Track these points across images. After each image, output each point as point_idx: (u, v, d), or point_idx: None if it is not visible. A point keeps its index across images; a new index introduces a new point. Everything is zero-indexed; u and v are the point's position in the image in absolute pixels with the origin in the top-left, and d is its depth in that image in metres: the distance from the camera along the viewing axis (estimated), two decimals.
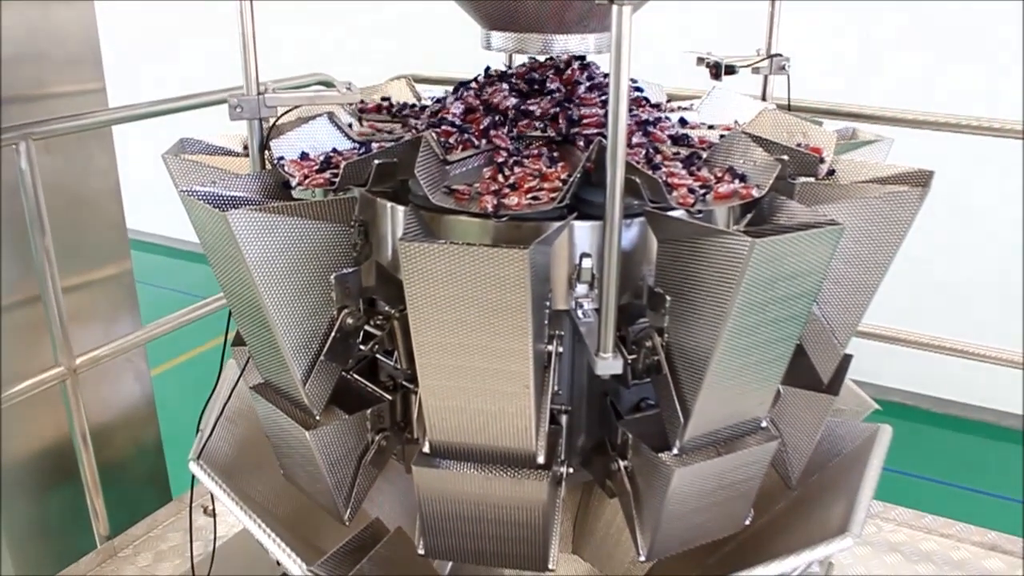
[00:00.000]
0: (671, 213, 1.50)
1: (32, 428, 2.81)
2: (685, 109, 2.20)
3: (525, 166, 1.65)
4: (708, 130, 2.02)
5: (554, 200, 1.50)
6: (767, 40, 2.38)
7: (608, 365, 1.45)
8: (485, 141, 1.73)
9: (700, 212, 1.56)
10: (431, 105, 1.98)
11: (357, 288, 1.64)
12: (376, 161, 1.56)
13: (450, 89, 2.01)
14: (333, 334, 1.62)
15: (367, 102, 2.16)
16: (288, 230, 1.52)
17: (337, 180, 1.60)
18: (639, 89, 2.06)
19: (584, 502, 2.20)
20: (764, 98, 2.44)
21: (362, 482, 1.75)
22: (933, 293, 5.42)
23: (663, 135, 1.84)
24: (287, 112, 1.82)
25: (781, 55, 2.37)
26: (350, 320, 1.63)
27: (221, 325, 1.92)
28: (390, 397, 1.78)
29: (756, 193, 1.60)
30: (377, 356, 1.81)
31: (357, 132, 1.93)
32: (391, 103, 2.17)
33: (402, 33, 7.02)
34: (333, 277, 1.60)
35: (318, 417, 1.66)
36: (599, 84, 1.87)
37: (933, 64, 5.35)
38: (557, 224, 1.45)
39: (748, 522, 1.73)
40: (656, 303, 1.50)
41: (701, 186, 1.60)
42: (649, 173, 1.48)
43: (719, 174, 1.67)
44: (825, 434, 1.91)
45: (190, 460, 1.91)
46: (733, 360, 1.45)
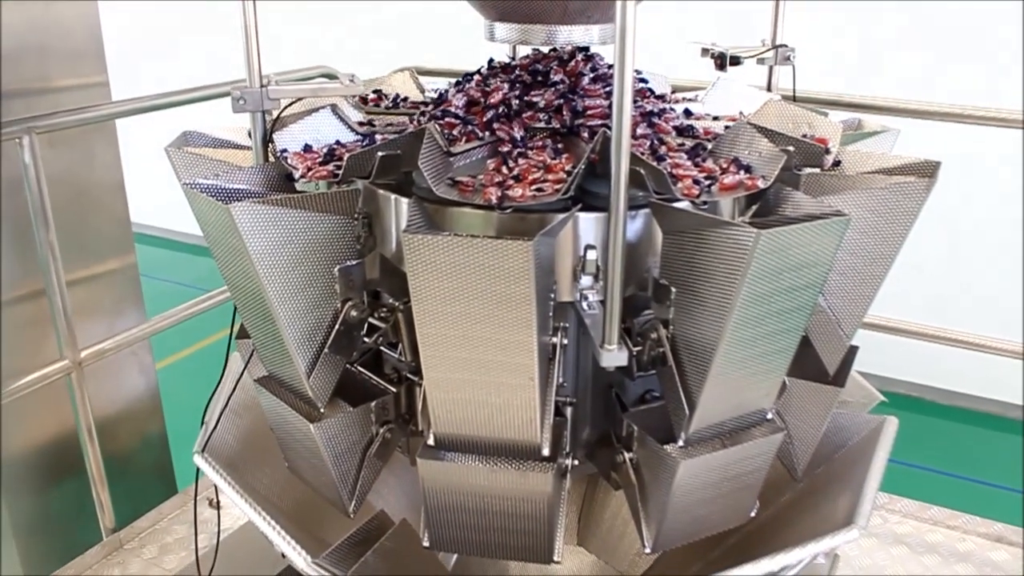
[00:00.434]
0: (676, 204, 1.49)
1: (37, 421, 2.82)
2: (690, 100, 2.20)
3: (529, 158, 1.64)
4: (713, 121, 2.01)
5: (558, 192, 1.49)
6: (772, 30, 2.37)
7: (613, 357, 1.45)
8: (489, 133, 1.72)
9: (705, 203, 1.55)
10: (434, 98, 1.97)
11: (361, 280, 1.64)
12: (380, 153, 1.56)
13: (453, 81, 2.00)
14: (337, 327, 1.62)
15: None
16: (291, 223, 1.51)
17: (341, 172, 1.60)
18: (643, 80, 2.05)
19: (589, 494, 2.20)
20: (769, 89, 2.42)
21: (367, 475, 1.75)
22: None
23: (668, 126, 1.83)
24: (290, 104, 1.82)
25: (786, 45, 2.36)
26: (354, 313, 1.63)
27: (226, 318, 1.92)
28: (394, 389, 1.78)
29: (762, 184, 1.59)
30: (381, 348, 1.81)
31: (356, 122, 1.93)
32: (380, 95, 2.16)
33: (402, 33, 7.01)
34: (337, 269, 1.59)
35: (322, 410, 1.66)
36: (603, 75, 1.86)
37: (933, 64, 5.33)
38: (561, 216, 1.45)
39: (753, 514, 1.73)
40: (661, 295, 1.49)
41: (706, 177, 1.59)
42: (654, 164, 1.47)
43: (724, 165, 1.66)
44: (831, 426, 1.91)
45: (195, 453, 1.92)
46: (739, 351, 1.44)
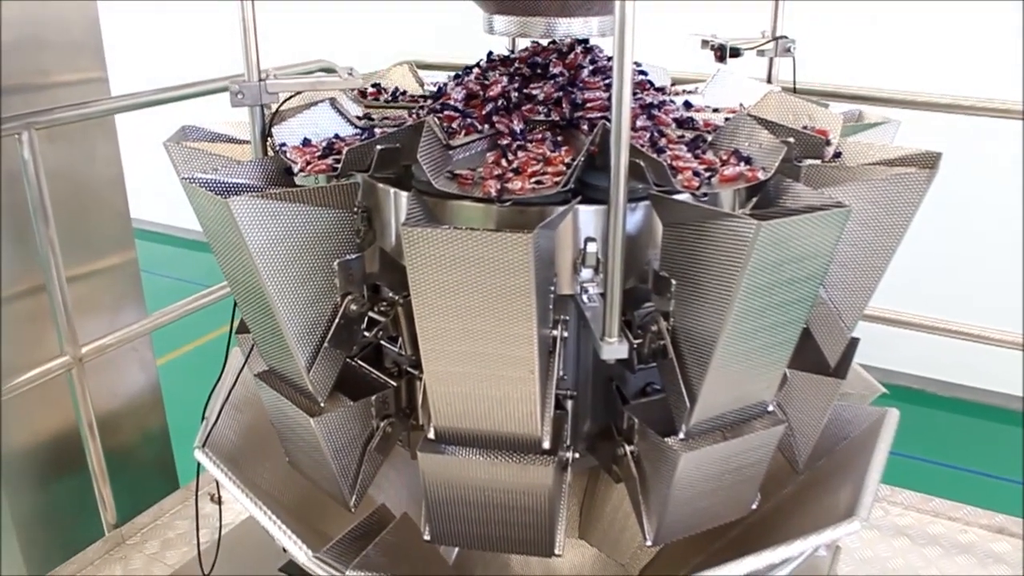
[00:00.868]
0: (676, 196, 1.49)
1: (38, 417, 2.82)
2: (690, 92, 2.19)
3: (529, 150, 1.64)
4: (713, 113, 2.00)
5: (558, 184, 1.49)
6: (772, 21, 2.36)
7: (613, 350, 1.44)
8: (488, 126, 1.72)
9: (705, 195, 1.54)
10: (432, 91, 1.97)
11: (360, 274, 1.64)
12: (379, 147, 1.56)
13: (452, 75, 2.00)
14: (337, 321, 1.61)
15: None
16: (291, 216, 1.51)
17: (340, 166, 1.59)
18: (643, 72, 2.05)
19: (591, 487, 2.20)
20: (769, 81, 2.42)
21: (367, 469, 1.75)
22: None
23: (668, 118, 1.82)
24: (289, 98, 1.81)
25: (786, 37, 2.35)
26: (354, 307, 1.63)
27: (226, 314, 1.92)
28: (395, 383, 1.78)
29: (762, 176, 1.58)
30: (381, 342, 1.81)
31: (355, 116, 1.92)
32: (379, 89, 2.16)
33: (402, 32, 7.00)
34: (336, 263, 1.59)
35: (323, 404, 1.66)
36: (603, 68, 1.85)
37: (933, 64, 5.31)
38: (561, 208, 1.44)
39: (755, 506, 1.73)
40: (662, 287, 1.49)
41: (706, 169, 1.58)
42: (654, 156, 1.47)
43: (724, 157, 1.66)
44: (832, 418, 1.91)
45: (196, 448, 1.92)
46: (739, 344, 1.44)
